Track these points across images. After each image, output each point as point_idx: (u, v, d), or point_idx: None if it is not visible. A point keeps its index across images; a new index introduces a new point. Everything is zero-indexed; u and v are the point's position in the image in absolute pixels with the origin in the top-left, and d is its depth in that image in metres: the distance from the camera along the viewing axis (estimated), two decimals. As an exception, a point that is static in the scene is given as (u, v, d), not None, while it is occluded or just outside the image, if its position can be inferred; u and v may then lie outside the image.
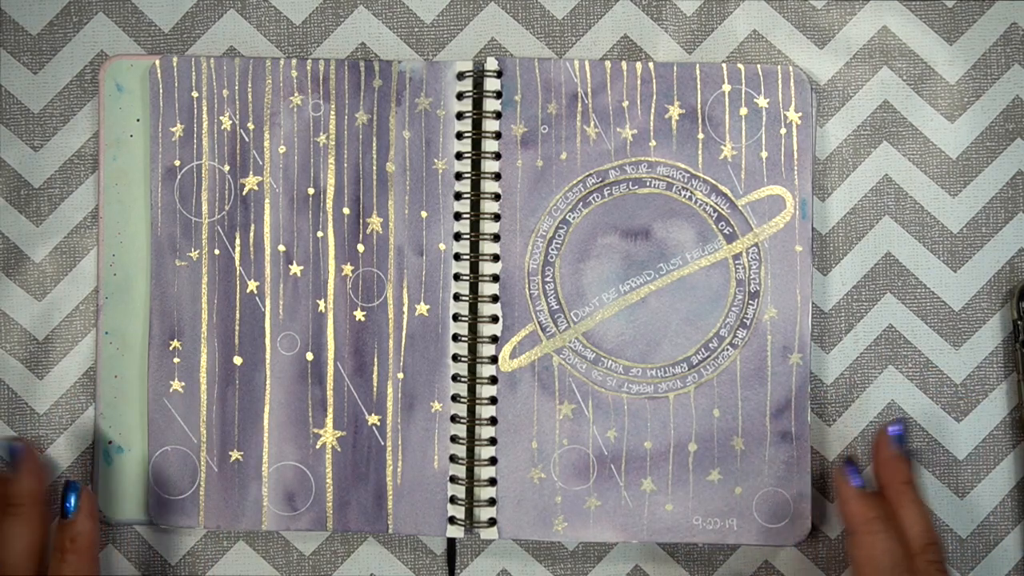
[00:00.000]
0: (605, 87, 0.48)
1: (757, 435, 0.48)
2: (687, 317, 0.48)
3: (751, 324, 0.48)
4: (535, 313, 0.48)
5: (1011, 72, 0.49)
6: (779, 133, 0.48)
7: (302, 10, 0.51)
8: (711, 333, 0.48)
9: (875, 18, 0.50)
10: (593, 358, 0.48)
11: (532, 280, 0.48)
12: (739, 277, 0.48)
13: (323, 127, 0.49)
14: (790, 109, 0.48)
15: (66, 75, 0.51)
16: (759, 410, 0.48)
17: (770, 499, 0.48)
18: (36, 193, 0.51)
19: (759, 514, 0.48)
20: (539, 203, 0.48)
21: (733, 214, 0.48)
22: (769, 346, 0.48)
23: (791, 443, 0.48)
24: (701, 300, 0.48)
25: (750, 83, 0.48)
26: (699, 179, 0.48)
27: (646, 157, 0.48)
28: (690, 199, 0.48)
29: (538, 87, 0.48)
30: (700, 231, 0.48)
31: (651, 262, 0.48)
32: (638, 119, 0.48)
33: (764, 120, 0.48)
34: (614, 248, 0.48)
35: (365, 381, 0.49)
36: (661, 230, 0.48)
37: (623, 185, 0.48)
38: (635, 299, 0.48)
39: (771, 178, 0.48)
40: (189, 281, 0.49)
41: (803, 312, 0.48)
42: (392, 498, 0.48)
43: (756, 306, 0.48)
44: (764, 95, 0.48)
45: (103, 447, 0.49)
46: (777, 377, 0.48)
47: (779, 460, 0.48)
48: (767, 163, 0.48)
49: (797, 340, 0.48)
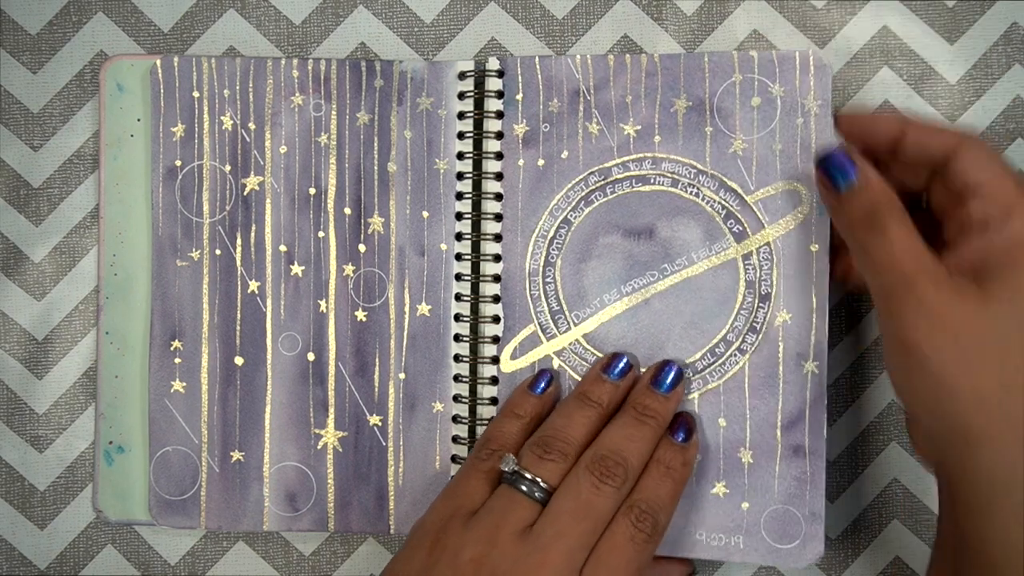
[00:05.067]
0: (608, 82, 0.47)
1: (767, 448, 0.46)
2: (692, 320, 0.46)
3: (761, 329, 0.46)
4: (536, 314, 0.48)
5: (1012, 72, 0.50)
6: (795, 123, 0.45)
7: (302, 10, 0.51)
8: (717, 337, 0.46)
9: (875, 18, 0.50)
10: (594, 361, 0.47)
11: (533, 280, 0.48)
12: (749, 278, 0.46)
13: (324, 127, 0.49)
14: (808, 96, 0.45)
15: (66, 75, 0.51)
16: (769, 421, 0.46)
17: (780, 517, 0.46)
18: (36, 193, 0.51)
19: (767, 533, 0.46)
20: (540, 203, 0.48)
21: (743, 211, 0.46)
22: (781, 353, 0.46)
23: (804, 458, 0.45)
24: (707, 302, 0.46)
25: (763, 71, 0.46)
26: (707, 175, 0.46)
27: (650, 153, 0.47)
28: (697, 196, 0.46)
29: (539, 85, 0.47)
30: (707, 230, 0.46)
31: (655, 262, 0.47)
32: (642, 114, 0.47)
33: (779, 110, 0.45)
34: (616, 248, 0.47)
35: (366, 381, 0.48)
36: (666, 229, 0.46)
37: (626, 183, 0.47)
38: (638, 300, 0.47)
39: (785, 172, 0.46)
40: (190, 281, 0.49)
41: (819, 316, 0.45)
42: (394, 498, 0.48)
43: (767, 309, 0.46)
44: (779, 83, 0.45)
45: (103, 447, 0.49)
46: (789, 386, 0.45)
47: (790, 476, 0.45)
48: (781, 156, 0.45)
49: (813, 347, 0.45)
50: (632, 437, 0.42)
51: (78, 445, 0.51)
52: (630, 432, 0.42)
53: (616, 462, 0.41)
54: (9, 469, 0.51)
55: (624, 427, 0.43)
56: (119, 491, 0.49)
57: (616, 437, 0.42)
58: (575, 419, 0.43)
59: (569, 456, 0.42)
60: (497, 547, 0.39)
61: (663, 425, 0.44)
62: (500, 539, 0.39)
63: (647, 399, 0.44)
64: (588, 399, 0.44)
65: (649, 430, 0.43)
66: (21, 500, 0.51)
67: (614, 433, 0.42)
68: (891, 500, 0.49)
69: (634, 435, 0.42)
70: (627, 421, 0.43)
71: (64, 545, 0.51)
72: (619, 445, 0.42)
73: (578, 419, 0.43)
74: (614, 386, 0.45)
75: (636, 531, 0.40)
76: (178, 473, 0.49)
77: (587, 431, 0.43)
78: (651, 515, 0.40)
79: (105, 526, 0.51)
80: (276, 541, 0.51)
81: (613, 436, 0.42)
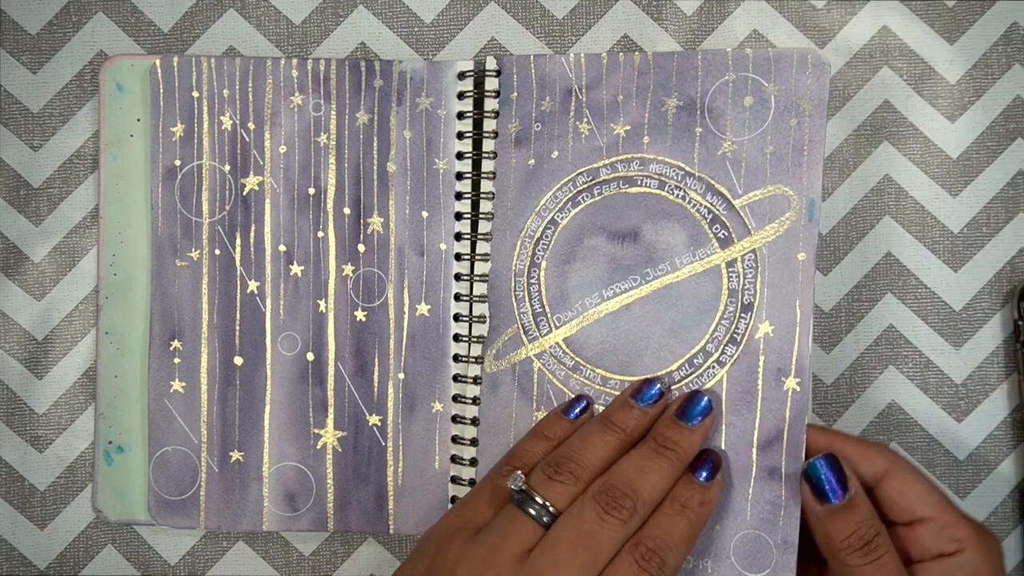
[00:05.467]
0: (600, 81, 0.46)
1: (741, 468, 0.43)
2: (672, 328, 0.44)
3: (741, 340, 0.43)
4: (519, 315, 0.46)
5: (1012, 72, 0.49)
6: (788, 124, 0.43)
7: (302, 10, 0.51)
8: (697, 347, 0.43)
9: (875, 18, 0.50)
10: (572, 365, 0.45)
11: (518, 281, 0.46)
12: (732, 286, 0.43)
13: (324, 127, 0.49)
14: (804, 97, 0.43)
15: (66, 75, 0.51)
16: (745, 439, 0.43)
17: (751, 544, 0.42)
18: (36, 193, 0.51)
19: (737, 559, 0.43)
20: (528, 203, 0.47)
21: (730, 216, 0.44)
22: (761, 367, 0.43)
23: (779, 481, 0.42)
24: (688, 310, 0.44)
25: (758, 69, 0.43)
26: (694, 177, 0.44)
27: (639, 154, 0.45)
28: (683, 199, 0.44)
29: (533, 84, 0.47)
30: (692, 234, 0.44)
31: (638, 267, 0.44)
32: (632, 113, 0.45)
33: (772, 110, 0.43)
34: (600, 251, 0.45)
35: (366, 381, 0.48)
36: (650, 232, 0.44)
37: (613, 184, 0.45)
38: (618, 306, 0.45)
39: (775, 176, 0.43)
40: (190, 281, 0.49)
41: (803, 331, 0.42)
42: (393, 498, 0.48)
43: (749, 320, 0.43)
44: (774, 82, 0.43)
45: (103, 447, 0.49)
46: (768, 403, 0.42)
47: (764, 500, 0.42)
48: (772, 159, 0.43)
49: (795, 362, 0.42)
50: (647, 469, 0.40)
51: (78, 445, 0.51)
52: (646, 464, 0.40)
53: (625, 494, 0.38)
54: (9, 469, 0.51)
55: (640, 458, 0.40)
56: (119, 491, 0.49)
57: (630, 468, 0.40)
58: (593, 442, 0.41)
59: (581, 480, 0.40)
60: (492, 568, 0.38)
61: (685, 459, 0.41)
62: (497, 560, 0.38)
63: (670, 430, 0.41)
64: (611, 423, 0.42)
65: (668, 463, 0.40)
66: (21, 500, 0.51)
67: (628, 463, 0.40)
68: (891, 500, 0.49)
69: (649, 467, 0.40)
70: (644, 452, 0.40)
71: (64, 545, 0.51)
72: (631, 476, 0.39)
73: (596, 443, 0.41)
74: (642, 412, 0.42)
75: (639, 570, 0.37)
76: (177, 473, 0.49)
77: (605, 456, 0.41)
78: (658, 555, 0.38)
79: (105, 526, 0.51)
80: (276, 541, 0.51)
81: (627, 466, 0.40)
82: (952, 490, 0.49)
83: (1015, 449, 0.49)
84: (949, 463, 0.49)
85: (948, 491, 0.49)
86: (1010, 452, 0.49)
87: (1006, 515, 0.49)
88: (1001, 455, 0.49)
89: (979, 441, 0.49)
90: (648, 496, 0.39)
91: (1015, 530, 0.49)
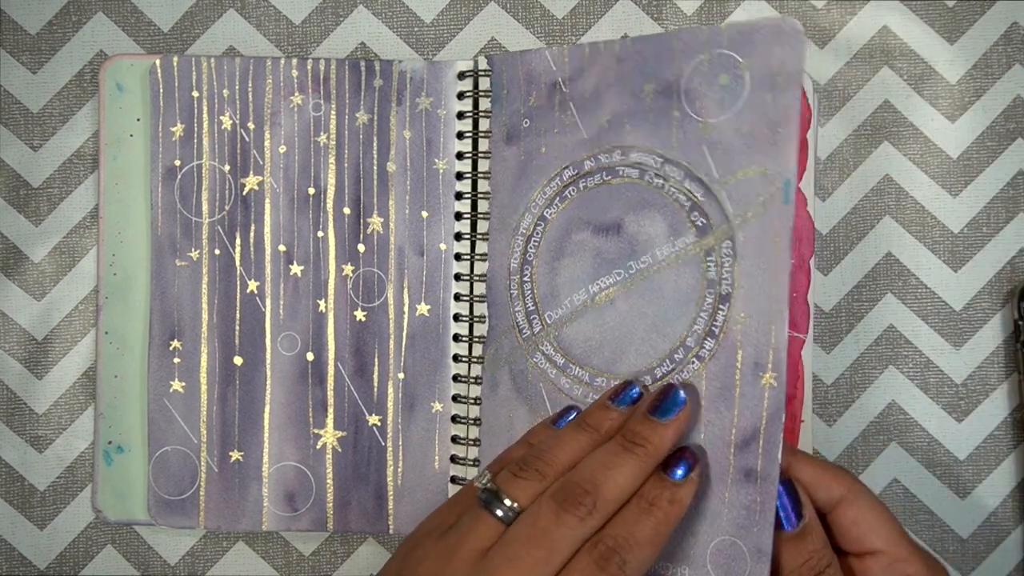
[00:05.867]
0: (582, 72, 0.44)
1: (719, 469, 0.40)
2: (654, 323, 0.42)
3: (719, 332, 0.40)
4: (514, 313, 0.46)
5: (1012, 72, 0.49)
6: (764, 100, 0.39)
7: (302, 10, 0.51)
8: (677, 342, 0.41)
9: (876, 18, 0.50)
10: (562, 364, 0.44)
11: (513, 279, 0.46)
12: (710, 277, 0.40)
13: (323, 127, 0.49)
14: (779, 68, 0.38)
15: (65, 75, 0.51)
16: (723, 439, 0.40)
17: (726, 551, 0.40)
18: (35, 193, 0.51)
19: (713, 567, 0.40)
20: (519, 200, 0.46)
21: (708, 202, 0.40)
22: (739, 361, 0.39)
23: (755, 484, 0.39)
24: (669, 303, 0.41)
25: (733, 44, 0.40)
26: (672, 163, 0.41)
27: (620, 143, 0.43)
28: (662, 188, 0.42)
29: (521, 80, 0.46)
30: (672, 224, 0.41)
31: (621, 260, 0.42)
32: (613, 102, 0.43)
33: (747, 88, 0.39)
34: (586, 246, 0.43)
35: (366, 381, 0.48)
36: (632, 224, 0.42)
37: (597, 176, 0.43)
38: (603, 301, 0.43)
39: (751, 157, 0.39)
40: (189, 281, 0.49)
41: (779, 321, 0.38)
42: (393, 498, 0.48)
43: (726, 311, 0.40)
44: (749, 56, 0.39)
45: (103, 447, 0.49)
46: (746, 400, 0.39)
47: (739, 504, 0.39)
48: (748, 138, 0.39)
49: (771, 356, 0.39)
50: (611, 465, 0.38)
51: (78, 445, 0.51)
52: (611, 460, 0.38)
53: (585, 491, 0.37)
54: (9, 469, 0.51)
55: (606, 454, 0.38)
56: (118, 491, 0.49)
57: (593, 464, 0.38)
58: (564, 441, 0.39)
59: (547, 477, 0.38)
60: (451, 565, 0.37)
61: (655, 456, 0.38)
62: (457, 557, 0.37)
63: (639, 425, 0.39)
64: (586, 424, 0.40)
65: (635, 459, 0.38)
66: (21, 500, 0.51)
67: (593, 460, 0.38)
68: (891, 500, 0.49)
69: (615, 463, 0.38)
70: (611, 448, 0.38)
71: (64, 545, 0.51)
72: (594, 473, 0.37)
73: (568, 442, 0.39)
74: (619, 414, 0.40)
75: (597, 569, 0.36)
76: (177, 473, 0.49)
77: (575, 456, 0.39)
78: (618, 554, 0.36)
79: (105, 526, 0.51)
80: (276, 541, 0.51)
81: (590, 463, 0.38)
82: (952, 490, 0.49)
83: (1015, 449, 0.49)
84: (949, 463, 0.49)
85: (948, 490, 0.49)
86: (1010, 452, 0.49)
87: (1006, 515, 0.49)
88: (1001, 455, 0.49)
89: (979, 441, 0.49)
90: (611, 493, 0.37)
91: (1015, 530, 0.49)
